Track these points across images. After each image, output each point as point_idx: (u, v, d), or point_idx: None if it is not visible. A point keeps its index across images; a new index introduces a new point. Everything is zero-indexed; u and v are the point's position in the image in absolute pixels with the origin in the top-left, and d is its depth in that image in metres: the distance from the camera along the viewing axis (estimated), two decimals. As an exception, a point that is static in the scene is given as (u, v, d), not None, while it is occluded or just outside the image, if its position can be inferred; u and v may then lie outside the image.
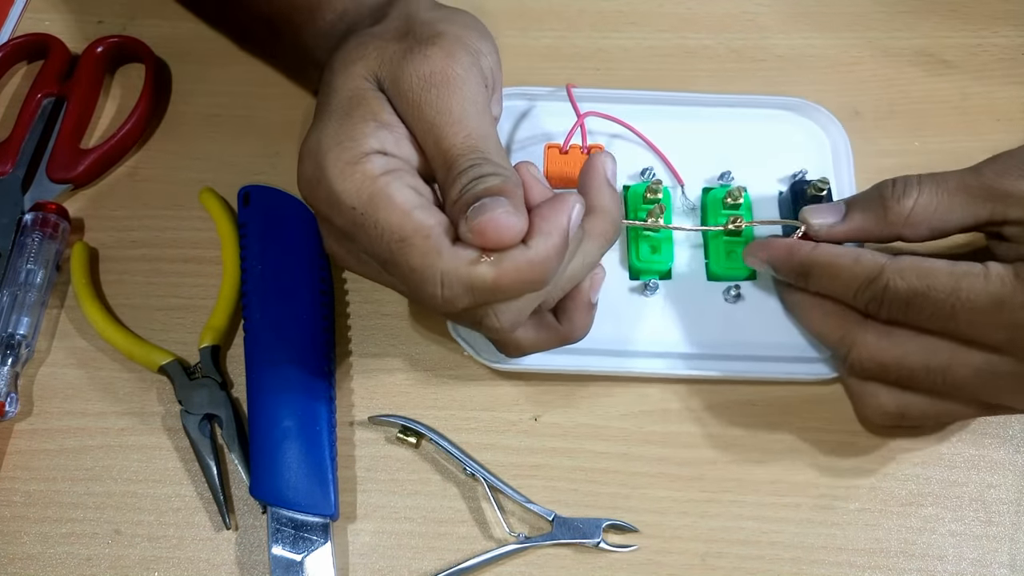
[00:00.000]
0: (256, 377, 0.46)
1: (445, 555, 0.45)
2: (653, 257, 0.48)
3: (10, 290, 0.49)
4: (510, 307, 0.39)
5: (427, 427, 0.47)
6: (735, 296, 0.48)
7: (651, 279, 0.48)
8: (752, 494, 0.46)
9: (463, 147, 0.38)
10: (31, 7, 0.59)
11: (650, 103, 0.52)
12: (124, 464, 0.47)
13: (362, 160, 0.38)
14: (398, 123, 0.40)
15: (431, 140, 0.39)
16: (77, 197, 0.53)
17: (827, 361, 0.47)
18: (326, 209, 0.39)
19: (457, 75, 0.39)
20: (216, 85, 0.56)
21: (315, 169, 0.39)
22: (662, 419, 0.47)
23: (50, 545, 0.45)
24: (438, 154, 0.39)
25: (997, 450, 0.47)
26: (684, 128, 0.52)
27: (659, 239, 0.48)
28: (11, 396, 0.47)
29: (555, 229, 0.37)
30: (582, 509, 0.46)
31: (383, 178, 0.38)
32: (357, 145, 0.38)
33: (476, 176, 0.37)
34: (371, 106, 0.40)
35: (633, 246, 0.48)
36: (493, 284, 0.37)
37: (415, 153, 0.40)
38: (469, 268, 0.36)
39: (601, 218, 0.41)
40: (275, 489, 0.44)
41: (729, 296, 0.48)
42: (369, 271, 0.42)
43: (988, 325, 0.39)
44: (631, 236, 0.49)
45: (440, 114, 0.39)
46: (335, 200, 0.38)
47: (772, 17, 0.58)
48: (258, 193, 0.50)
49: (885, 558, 0.45)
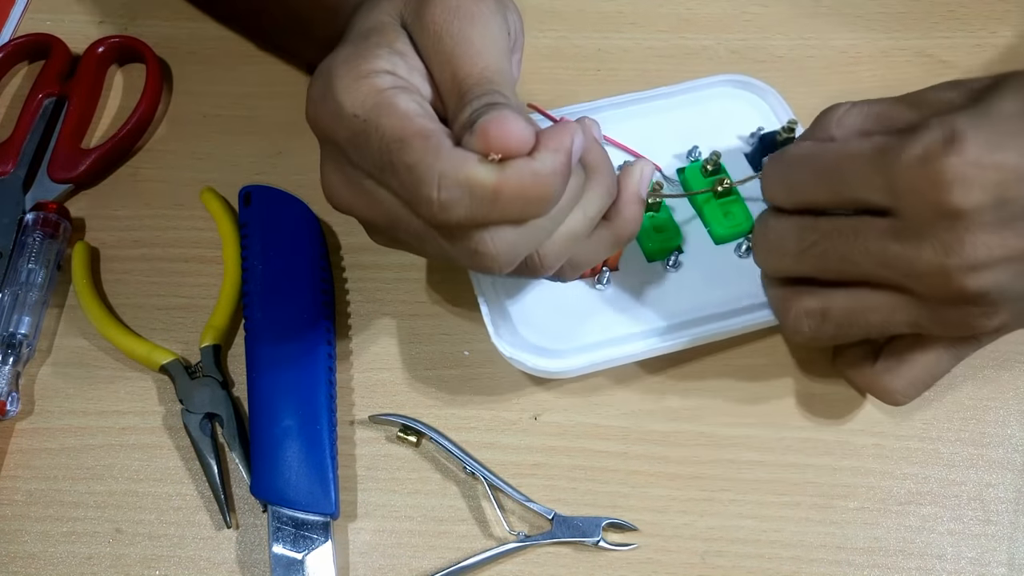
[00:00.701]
0: (257, 376, 0.46)
1: (445, 553, 0.45)
2: (662, 236, 0.48)
3: (11, 290, 0.49)
4: (507, 234, 0.36)
5: (427, 426, 0.47)
6: (747, 250, 0.48)
7: (670, 257, 0.48)
8: (751, 493, 0.46)
9: (479, 78, 0.37)
10: (32, 7, 0.59)
11: (607, 108, 0.53)
12: (125, 463, 0.47)
13: (371, 75, 0.37)
14: (414, 56, 0.39)
15: (448, 71, 0.38)
16: (78, 197, 0.53)
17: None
18: (329, 122, 0.37)
19: (482, 12, 0.38)
20: (217, 85, 0.56)
21: (323, 87, 0.38)
22: (662, 418, 0.47)
23: (51, 544, 0.45)
24: (453, 86, 0.38)
25: (995, 449, 0.47)
26: (642, 124, 0.53)
27: (662, 218, 0.49)
28: (12, 395, 0.47)
29: (561, 147, 0.35)
30: (582, 508, 0.46)
31: (390, 90, 0.36)
32: (367, 63, 0.37)
33: (488, 103, 0.36)
34: (388, 35, 0.39)
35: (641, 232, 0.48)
36: (494, 191, 0.34)
37: (428, 87, 0.39)
38: (469, 168, 0.34)
39: (596, 172, 0.40)
40: (276, 488, 0.44)
41: (741, 252, 0.49)
42: (366, 206, 0.39)
43: (871, 177, 0.37)
44: None
45: (459, 44, 0.38)
46: (338, 111, 0.37)
47: (772, 17, 0.58)
48: (259, 193, 0.50)
49: (884, 557, 0.45)
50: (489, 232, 0.36)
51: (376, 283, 0.51)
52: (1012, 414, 0.48)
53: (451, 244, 0.37)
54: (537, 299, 0.47)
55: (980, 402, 0.48)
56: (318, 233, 0.50)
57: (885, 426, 0.47)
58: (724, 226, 0.49)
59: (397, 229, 0.38)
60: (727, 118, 0.53)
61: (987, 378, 0.48)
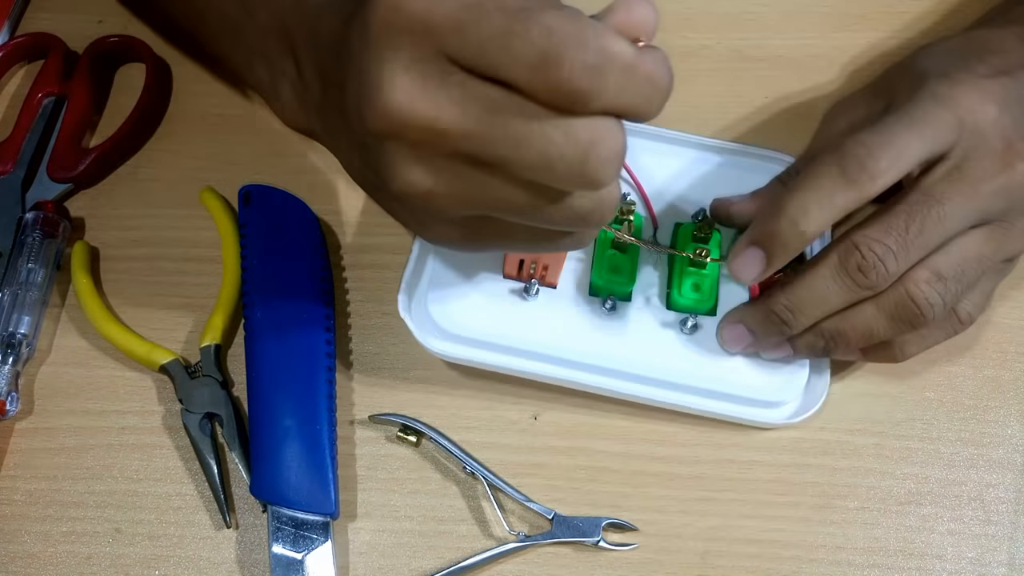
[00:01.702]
0: (257, 376, 0.46)
1: (445, 553, 0.45)
2: (615, 277, 0.47)
3: (11, 289, 0.49)
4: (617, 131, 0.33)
5: (427, 426, 0.47)
6: (692, 327, 0.47)
7: (609, 297, 0.47)
8: (751, 493, 0.46)
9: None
10: (32, 6, 0.59)
11: (641, 135, 0.52)
12: (125, 463, 0.47)
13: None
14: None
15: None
16: (78, 196, 0.53)
17: (778, 405, 0.47)
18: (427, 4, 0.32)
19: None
20: (216, 85, 0.56)
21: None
22: (661, 418, 0.47)
23: (51, 544, 0.45)
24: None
25: (996, 449, 0.47)
26: (665, 165, 0.51)
27: (624, 260, 0.47)
28: (12, 395, 0.47)
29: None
30: (582, 508, 0.46)
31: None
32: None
33: None
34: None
35: (597, 264, 0.47)
36: (631, 67, 0.31)
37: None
38: (610, 38, 0.31)
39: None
40: (275, 488, 0.44)
41: (686, 328, 0.47)
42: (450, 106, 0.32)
43: None
44: (597, 254, 0.48)
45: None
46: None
47: (772, 17, 0.58)
48: (259, 193, 0.50)
49: (884, 557, 0.45)
50: (608, 122, 0.32)
51: (376, 283, 0.51)
52: (1012, 414, 0.48)
53: (566, 131, 0.32)
54: (464, 279, 0.47)
55: (980, 402, 0.48)
56: (318, 233, 0.50)
57: (885, 426, 0.47)
58: (687, 296, 0.47)
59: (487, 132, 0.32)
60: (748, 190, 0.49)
61: (987, 378, 0.48)
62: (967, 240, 0.42)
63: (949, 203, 0.41)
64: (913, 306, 0.42)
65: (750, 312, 0.46)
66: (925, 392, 0.48)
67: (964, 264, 0.42)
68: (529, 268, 0.47)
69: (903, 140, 0.40)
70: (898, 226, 0.41)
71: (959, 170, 0.41)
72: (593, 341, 0.47)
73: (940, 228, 0.41)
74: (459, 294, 0.47)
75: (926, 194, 0.41)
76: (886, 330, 0.43)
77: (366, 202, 0.52)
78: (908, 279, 0.42)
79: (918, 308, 0.42)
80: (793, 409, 0.47)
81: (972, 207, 0.41)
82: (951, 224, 0.41)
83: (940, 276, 0.41)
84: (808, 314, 0.43)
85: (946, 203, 0.41)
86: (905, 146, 0.40)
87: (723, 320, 0.47)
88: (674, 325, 0.47)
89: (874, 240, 0.41)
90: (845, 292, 0.42)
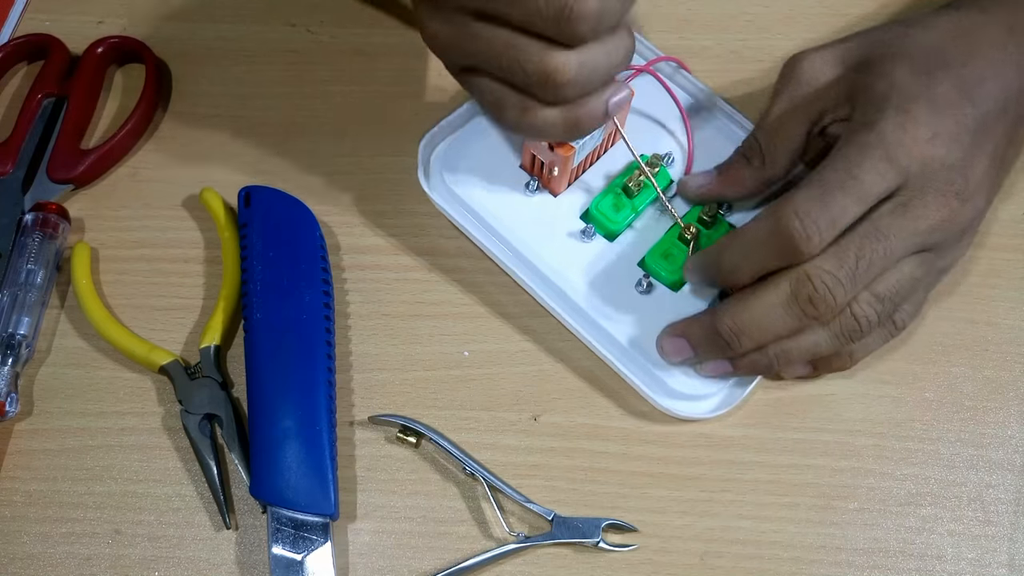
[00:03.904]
0: (256, 377, 0.46)
1: (445, 554, 0.45)
2: (609, 214, 0.49)
3: (10, 290, 0.49)
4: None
5: (427, 427, 0.47)
6: (647, 287, 0.48)
7: (593, 228, 0.49)
8: (751, 494, 0.46)
9: None
10: (31, 7, 0.59)
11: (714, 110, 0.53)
12: (124, 464, 0.47)
13: None
14: None
15: None
16: (77, 197, 0.53)
17: (705, 399, 0.47)
18: None
19: None
20: (216, 85, 0.56)
21: None
22: (661, 419, 0.47)
23: (50, 545, 0.45)
24: None
25: (996, 450, 0.47)
26: (724, 141, 0.52)
27: (627, 202, 0.49)
28: (11, 396, 0.47)
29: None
30: (581, 508, 0.46)
31: None
32: None
33: None
34: None
35: (601, 195, 0.50)
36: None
37: None
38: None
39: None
40: (275, 489, 0.44)
41: (641, 286, 0.49)
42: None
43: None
44: (607, 188, 0.50)
45: None
46: None
47: (772, 17, 0.58)
48: (259, 193, 0.50)
49: (884, 558, 0.45)
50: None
51: (376, 283, 0.51)
52: (1012, 415, 0.48)
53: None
54: (486, 152, 0.51)
55: (980, 403, 0.48)
56: (318, 233, 0.50)
57: (885, 427, 0.47)
58: (657, 261, 0.48)
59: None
60: None
61: (987, 378, 0.48)
62: (904, 265, 0.44)
63: (895, 238, 0.42)
64: (854, 322, 0.44)
65: (694, 328, 0.46)
66: (925, 393, 0.48)
67: (900, 286, 0.44)
68: (539, 165, 0.50)
69: (839, 208, 0.42)
70: (849, 261, 0.42)
71: (905, 207, 0.43)
72: (557, 257, 0.49)
73: (885, 261, 0.43)
74: (474, 162, 0.51)
75: (876, 228, 0.42)
76: (828, 346, 0.45)
77: (366, 202, 0.52)
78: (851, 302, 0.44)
79: (858, 324, 0.44)
80: (714, 404, 0.47)
81: (914, 241, 0.43)
82: (894, 256, 0.43)
83: (879, 298, 0.43)
84: (754, 338, 0.44)
85: (892, 238, 0.42)
86: (840, 213, 0.42)
87: (665, 330, 0.47)
88: (633, 279, 0.49)
89: (827, 272, 0.42)
90: (793, 320, 0.43)
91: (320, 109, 0.55)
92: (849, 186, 0.42)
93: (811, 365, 0.47)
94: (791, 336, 0.44)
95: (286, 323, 0.47)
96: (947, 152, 0.43)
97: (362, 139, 0.54)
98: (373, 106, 0.55)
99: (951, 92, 0.43)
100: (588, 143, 0.48)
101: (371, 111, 0.55)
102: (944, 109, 0.43)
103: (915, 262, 0.44)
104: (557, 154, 0.48)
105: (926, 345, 0.49)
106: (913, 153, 0.42)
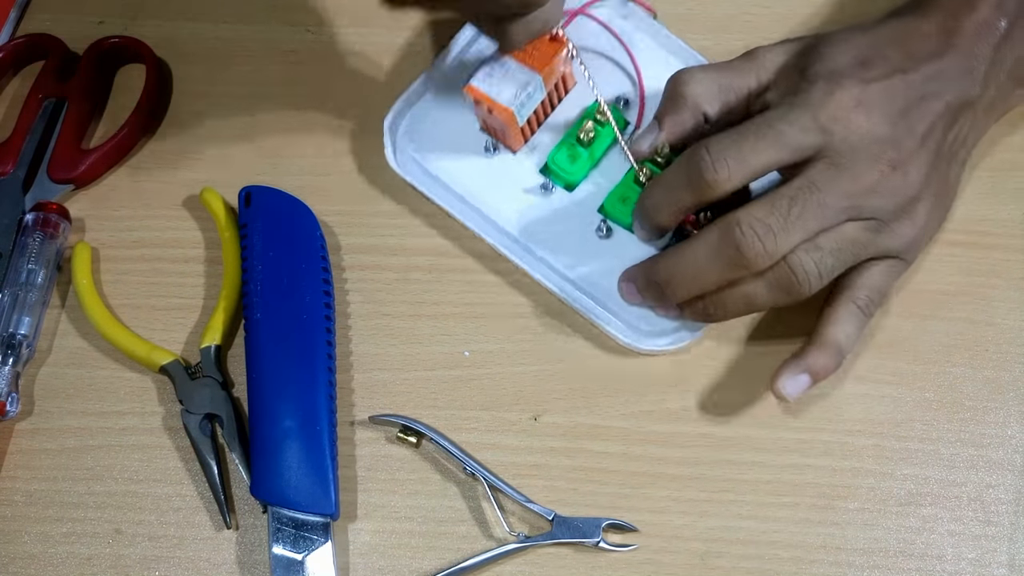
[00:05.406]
0: (257, 377, 0.46)
1: (445, 554, 0.45)
2: (567, 166, 0.50)
3: (11, 290, 0.49)
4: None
5: (427, 427, 0.47)
6: (606, 232, 0.49)
7: (552, 181, 0.50)
8: (751, 494, 0.46)
9: None
10: (32, 7, 0.59)
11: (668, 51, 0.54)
12: (125, 464, 0.47)
13: None
14: None
15: None
16: (78, 197, 0.53)
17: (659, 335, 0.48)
18: None
19: None
20: (216, 85, 0.56)
21: None
22: (661, 419, 0.47)
23: (51, 544, 0.45)
24: None
25: (996, 450, 0.47)
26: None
27: (583, 153, 0.50)
28: (12, 396, 0.47)
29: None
30: (582, 508, 0.46)
31: None
32: None
33: None
34: None
35: (558, 146, 0.50)
36: None
37: None
38: None
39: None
40: (276, 489, 0.44)
41: (601, 231, 0.49)
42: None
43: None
44: (563, 139, 0.51)
45: None
46: None
47: (772, 18, 0.58)
48: (259, 193, 0.50)
49: (884, 558, 0.45)
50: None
51: (376, 283, 0.51)
52: (1012, 415, 0.48)
53: None
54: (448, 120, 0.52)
55: (980, 403, 0.48)
56: (318, 233, 0.50)
57: (885, 427, 0.47)
58: (614, 206, 0.49)
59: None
60: None
61: (987, 379, 0.48)
62: (845, 227, 0.43)
63: (828, 193, 0.42)
64: (789, 272, 0.43)
65: (639, 273, 0.47)
66: (925, 393, 0.48)
67: (841, 242, 0.43)
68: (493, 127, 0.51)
69: (749, 148, 0.42)
70: (781, 207, 0.42)
71: (836, 167, 0.43)
72: (520, 213, 0.50)
73: (819, 214, 0.42)
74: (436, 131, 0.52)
75: (809, 180, 0.43)
76: (765, 298, 0.44)
77: (366, 203, 0.52)
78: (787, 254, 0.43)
79: (794, 274, 0.43)
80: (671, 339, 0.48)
81: (849, 202, 0.43)
82: (829, 214, 0.43)
83: (817, 247, 0.43)
84: (686, 287, 0.45)
85: (825, 192, 0.42)
86: (751, 153, 0.42)
87: (622, 274, 0.48)
88: (593, 225, 0.50)
89: (756, 219, 0.42)
90: (722, 268, 0.43)
91: (320, 109, 0.55)
92: (765, 132, 0.43)
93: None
94: (729, 286, 0.44)
95: (287, 323, 0.47)
96: (873, 123, 0.43)
97: (362, 139, 0.54)
98: (373, 106, 0.55)
99: (885, 69, 0.44)
100: (528, 102, 0.49)
101: (371, 111, 0.55)
102: (873, 84, 0.43)
103: (857, 226, 0.43)
104: (495, 116, 0.48)
105: (926, 345, 0.49)
106: (837, 115, 0.42)
